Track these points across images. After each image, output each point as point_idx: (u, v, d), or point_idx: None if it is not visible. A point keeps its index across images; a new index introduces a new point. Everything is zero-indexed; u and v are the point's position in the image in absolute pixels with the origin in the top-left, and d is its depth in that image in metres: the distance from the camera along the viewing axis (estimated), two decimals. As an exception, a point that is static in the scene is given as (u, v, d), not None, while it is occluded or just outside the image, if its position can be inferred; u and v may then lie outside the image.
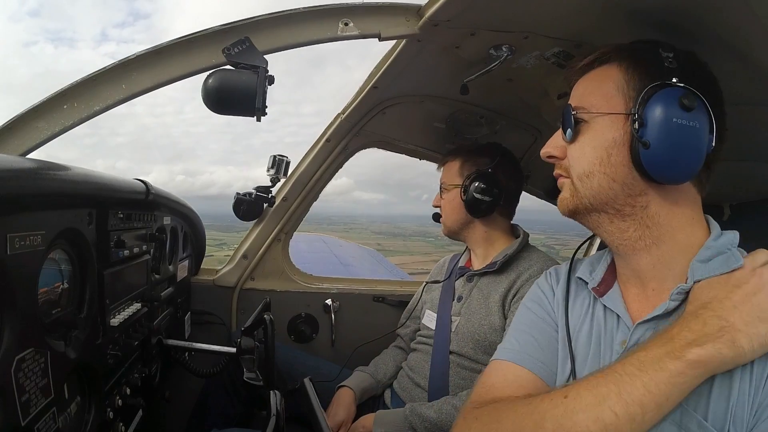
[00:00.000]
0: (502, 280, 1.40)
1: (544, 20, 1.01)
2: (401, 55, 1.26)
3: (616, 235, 0.76)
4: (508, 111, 1.58)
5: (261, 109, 0.95)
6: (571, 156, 0.77)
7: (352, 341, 1.85)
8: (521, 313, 0.93)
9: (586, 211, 0.77)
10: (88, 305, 0.86)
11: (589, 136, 0.75)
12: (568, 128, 0.77)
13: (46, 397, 0.68)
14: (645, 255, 0.74)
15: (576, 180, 0.76)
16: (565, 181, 0.79)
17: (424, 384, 1.42)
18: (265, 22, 1.00)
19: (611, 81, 0.75)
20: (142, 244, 1.12)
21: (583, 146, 0.76)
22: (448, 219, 1.54)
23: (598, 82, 0.77)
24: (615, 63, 0.75)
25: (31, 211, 0.66)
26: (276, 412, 1.01)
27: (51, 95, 0.93)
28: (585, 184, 0.75)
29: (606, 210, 0.75)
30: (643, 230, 0.74)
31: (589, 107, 0.75)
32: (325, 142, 1.72)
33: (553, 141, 0.81)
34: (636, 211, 0.73)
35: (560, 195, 0.80)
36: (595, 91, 0.76)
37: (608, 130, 0.73)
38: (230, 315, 1.83)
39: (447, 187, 1.53)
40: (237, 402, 1.52)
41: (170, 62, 0.96)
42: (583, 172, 0.75)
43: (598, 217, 0.77)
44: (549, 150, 0.81)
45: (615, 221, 0.75)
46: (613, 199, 0.74)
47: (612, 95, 0.74)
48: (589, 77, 0.79)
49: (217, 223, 19.58)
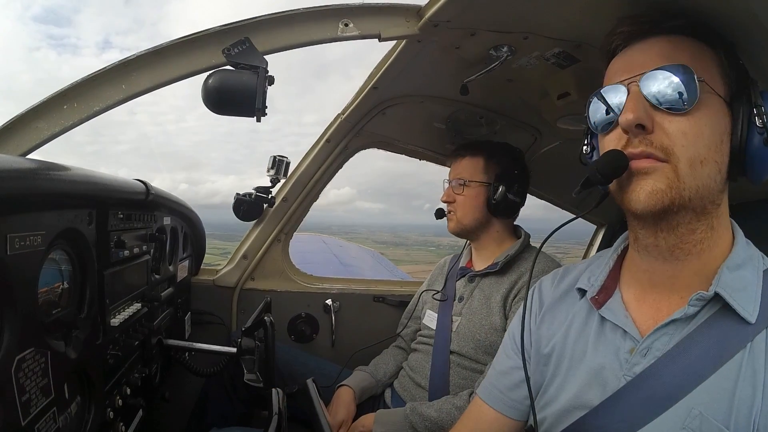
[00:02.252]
0: (504, 281, 1.40)
1: (544, 20, 1.01)
2: (401, 56, 1.26)
3: (683, 237, 0.65)
4: (508, 111, 1.58)
5: (261, 109, 0.95)
6: (683, 132, 0.61)
7: (352, 341, 1.85)
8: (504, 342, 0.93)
9: (678, 209, 0.63)
10: (88, 305, 0.86)
11: (707, 113, 0.62)
12: (685, 95, 0.60)
13: (47, 397, 0.68)
14: (695, 260, 0.66)
15: (684, 165, 0.61)
16: (660, 166, 0.62)
17: (425, 384, 1.42)
18: (265, 22, 1.00)
19: (712, 60, 0.64)
20: (142, 244, 1.12)
21: (700, 124, 0.61)
22: (466, 216, 1.49)
23: (702, 55, 0.64)
24: (702, 41, 0.65)
25: (31, 211, 0.66)
26: (278, 411, 1.00)
27: (51, 95, 0.92)
28: (696, 173, 0.61)
29: (695, 208, 0.63)
30: (709, 231, 0.66)
31: (707, 80, 0.62)
32: (325, 143, 1.72)
33: (642, 107, 0.62)
34: (713, 209, 0.65)
35: (647, 185, 0.62)
36: (703, 63, 0.63)
37: (722, 113, 0.63)
38: (230, 315, 1.83)
39: (469, 183, 1.48)
40: (237, 402, 1.52)
41: (170, 62, 0.96)
42: (697, 156, 0.61)
43: (682, 217, 0.64)
44: (640, 116, 0.61)
45: (693, 221, 0.65)
46: (710, 194, 0.63)
47: (716, 76, 0.64)
48: (687, 44, 0.64)
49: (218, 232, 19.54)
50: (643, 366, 0.66)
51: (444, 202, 1.54)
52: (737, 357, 0.61)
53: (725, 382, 0.60)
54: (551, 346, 0.79)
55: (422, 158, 1.91)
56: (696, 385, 0.61)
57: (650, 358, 0.66)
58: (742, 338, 0.62)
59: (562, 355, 0.77)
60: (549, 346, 0.80)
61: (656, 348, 0.66)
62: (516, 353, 0.86)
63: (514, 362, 0.86)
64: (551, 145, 1.74)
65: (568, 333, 0.78)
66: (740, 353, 0.61)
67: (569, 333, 0.78)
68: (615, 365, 0.70)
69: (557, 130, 1.57)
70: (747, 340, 0.61)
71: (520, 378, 0.82)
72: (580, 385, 0.73)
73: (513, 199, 1.45)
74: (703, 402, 0.61)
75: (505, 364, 0.88)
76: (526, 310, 0.79)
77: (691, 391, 0.61)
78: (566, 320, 0.80)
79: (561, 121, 1.46)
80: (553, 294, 0.86)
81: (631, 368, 0.68)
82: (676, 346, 0.65)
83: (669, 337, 0.66)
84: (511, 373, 0.86)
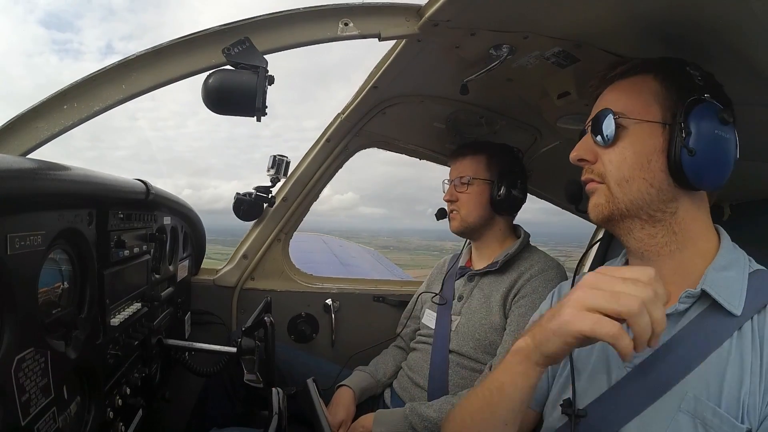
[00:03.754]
0: (504, 280, 1.40)
1: (544, 20, 1.00)
2: (401, 55, 1.26)
3: (644, 240, 0.78)
4: (508, 111, 1.58)
5: (261, 109, 0.94)
6: (609, 160, 0.77)
7: (352, 341, 1.85)
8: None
9: (621, 217, 0.77)
10: (89, 305, 0.86)
11: (630, 141, 0.76)
12: (606, 132, 0.77)
13: (46, 397, 0.68)
14: (668, 260, 0.77)
15: (614, 185, 0.77)
16: (599, 186, 0.79)
17: (424, 383, 1.42)
18: (265, 22, 0.99)
19: (648, 91, 0.76)
20: (142, 244, 1.12)
21: (623, 151, 0.76)
22: (471, 214, 1.49)
23: (635, 91, 0.78)
24: (650, 74, 0.77)
25: (31, 211, 0.66)
26: (278, 411, 1.00)
27: (51, 95, 0.92)
28: (624, 190, 0.76)
29: (639, 216, 0.77)
30: (671, 236, 0.76)
31: (629, 113, 0.76)
32: (325, 142, 1.72)
33: (585, 144, 0.81)
34: (666, 217, 0.76)
35: (593, 201, 0.80)
36: (632, 99, 0.77)
37: (648, 137, 0.75)
38: (230, 315, 1.83)
39: (472, 181, 1.48)
40: (237, 402, 1.52)
41: (170, 62, 0.96)
42: (623, 177, 0.76)
43: (631, 223, 0.78)
44: (580, 153, 0.81)
45: (646, 227, 0.77)
46: (648, 204, 0.75)
47: (650, 104, 0.76)
48: (623, 86, 0.80)
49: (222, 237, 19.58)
50: (642, 357, 0.73)
51: (446, 201, 1.54)
52: (726, 344, 0.69)
53: (715, 367, 0.68)
54: None
55: (422, 158, 1.91)
56: (689, 371, 0.69)
57: (648, 350, 0.71)
58: (730, 328, 0.69)
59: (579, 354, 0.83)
60: None
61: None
62: None
63: None
64: (551, 144, 1.74)
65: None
66: (728, 341, 0.69)
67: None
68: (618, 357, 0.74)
69: (557, 130, 1.56)
70: (734, 329, 0.69)
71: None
72: (588, 377, 0.79)
73: (516, 195, 1.47)
74: (696, 386, 0.68)
75: None
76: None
77: (684, 377, 0.69)
78: None
79: (561, 120, 1.46)
80: None
81: (631, 359, 0.72)
82: (671, 339, 0.72)
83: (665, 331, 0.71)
84: None
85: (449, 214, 1.55)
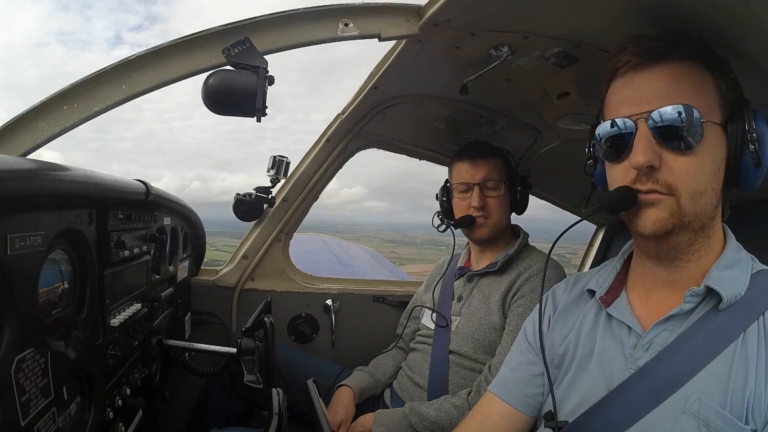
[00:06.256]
0: (503, 280, 1.41)
1: (544, 20, 1.00)
2: (401, 56, 1.26)
3: (682, 249, 0.71)
4: (508, 111, 1.58)
5: (261, 109, 0.95)
6: (686, 170, 0.66)
7: (352, 341, 1.85)
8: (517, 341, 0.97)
9: (678, 230, 0.68)
10: (89, 305, 0.85)
11: (709, 147, 0.66)
12: (689, 137, 0.64)
13: (46, 398, 0.68)
14: (693, 266, 0.72)
15: (686, 198, 0.66)
16: (663, 198, 0.67)
17: (424, 383, 1.42)
18: (265, 22, 1.00)
19: (711, 87, 0.67)
20: (143, 244, 1.12)
21: (702, 160, 0.66)
22: (502, 219, 1.46)
23: (699, 86, 0.67)
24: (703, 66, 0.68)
25: (31, 212, 0.66)
26: (278, 411, 1.00)
27: (51, 95, 0.93)
28: (696, 203, 0.67)
29: (694, 227, 0.69)
30: (705, 240, 0.72)
31: (703, 113, 0.65)
32: (325, 143, 1.72)
33: (649, 145, 0.66)
34: (710, 223, 0.71)
35: (652, 214, 0.68)
36: (700, 98, 0.66)
37: (719, 142, 0.67)
38: (230, 315, 1.83)
39: (497, 185, 1.44)
40: (237, 402, 1.52)
41: (170, 63, 0.96)
42: (698, 190, 0.66)
43: (684, 235, 0.70)
44: (650, 158, 0.66)
45: (691, 235, 0.70)
46: (707, 215, 0.69)
47: (713, 102, 0.67)
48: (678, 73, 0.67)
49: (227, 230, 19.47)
50: (646, 359, 0.72)
51: (475, 208, 1.42)
52: (731, 347, 0.67)
53: (721, 369, 0.66)
54: (564, 346, 0.84)
55: (422, 158, 1.91)
56: (694, 373, 0.67)
57: (652, 352, 0.72)
58: (735, 329, 0.67)
59: (574, 353, 0.82)
60: (563, 346, 0.85)
61: (657, 343, 0.72)
62: (529, 350, 0.91)
63: (527, 358, 0.91)
64: (551, 145, 1.74)
65: (579, 332, 0.83)
66: (734, 343, 0.67)
67: (581, 332, 0.83)
68: (620, 359, 0.75)
69: (557, 130, 1.57)
70: (740, 330, 0.67)
71: (532, 373, 0.89)
72: (589, 380, 0.78)
73: (527, 195, 1.52)
74: (701, 388, 0.66)
75: (517, 360, 0.93)
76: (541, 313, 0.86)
77: (689, 380, 0.67)
78: (578, 320, 0.85)
79: (561, 120, 1.46)
80: (566, 299, 0.91)
81: (634, 362, 0.73)
82: (675, 340, 0.71)
83: (669, 333, 0.72)
84: (524, 369, 0.90)
85: (476, 220, 1.43)
